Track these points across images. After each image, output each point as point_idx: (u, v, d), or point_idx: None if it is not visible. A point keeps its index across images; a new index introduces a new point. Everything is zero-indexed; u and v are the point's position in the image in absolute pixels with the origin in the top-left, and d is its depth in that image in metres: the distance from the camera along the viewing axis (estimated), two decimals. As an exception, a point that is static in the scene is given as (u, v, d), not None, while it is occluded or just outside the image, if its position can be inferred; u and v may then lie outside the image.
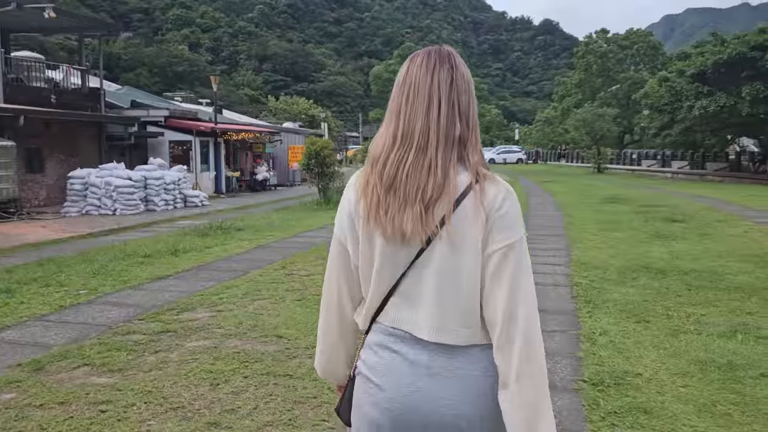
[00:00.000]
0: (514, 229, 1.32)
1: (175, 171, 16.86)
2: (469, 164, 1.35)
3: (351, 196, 1.45)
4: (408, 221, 1.30)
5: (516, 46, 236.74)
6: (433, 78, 1.37)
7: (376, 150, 1.40)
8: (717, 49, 26.65)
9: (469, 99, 1.40)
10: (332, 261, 1.56)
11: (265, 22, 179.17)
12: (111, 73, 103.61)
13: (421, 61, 1.40)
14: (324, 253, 8.67)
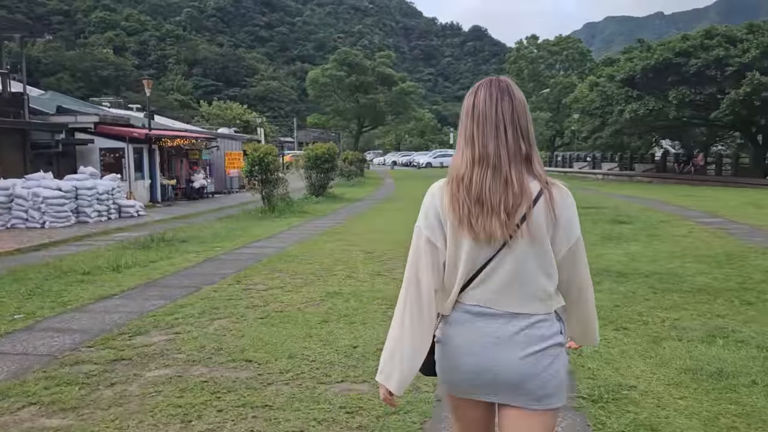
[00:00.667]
0: (577, 224, 1.77)
1: (108, 180, 15.96)
2: (537, 174, 1.72)
3: (438, 203, 1.78)
4: (497, 227, 1.67)
5: (447, 52, 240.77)
6: (497, 108, 1.71)
7: (459, 170, 1.74)
8: (645, 55, 27.71)
9: (527, 120, 1.75)
10: (421, 258, 1.81)
11: (194, 25, 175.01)
12: (30, 78, 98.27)
13: (485, 93, 1.74)
14: (279, 265, 8.32)
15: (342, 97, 40.49)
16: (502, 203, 1.67)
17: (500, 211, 1.66)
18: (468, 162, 1.72)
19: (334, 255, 8.99)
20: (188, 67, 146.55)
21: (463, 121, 1.79)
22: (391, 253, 9.11)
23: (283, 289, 6.76)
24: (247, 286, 6.93)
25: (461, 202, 1.70)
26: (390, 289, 6.57)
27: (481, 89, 1.76)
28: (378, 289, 6.63)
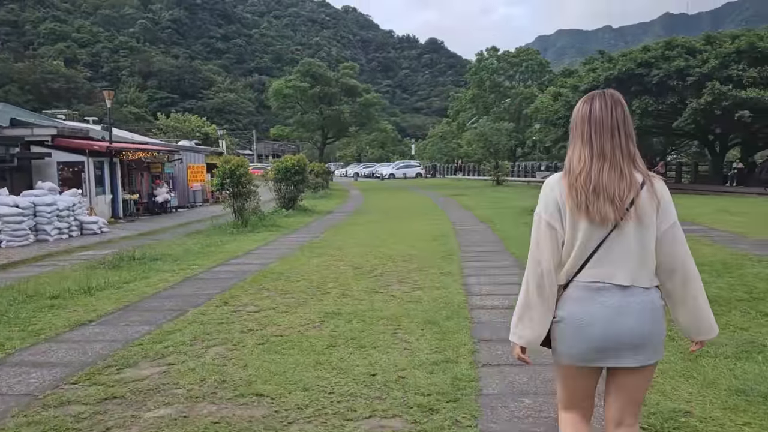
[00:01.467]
0: (673, 209, 2.11)
1: (68, 195, 15.15)
2: (640, 169, 2.10)
3: (556, 193, 2.13)
4: (610, 211, 2.03)
5: (404, 64, 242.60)
6: (612, 115, 2.11)
7: (577, 165, 2.11)
8: (607, 65, 28.13)
9: (632, 126, 2.14)
10: (543, 240, 2.13)
11: (148, 37, 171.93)
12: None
13: (601, 102, 2.12)
14: (265, 284, 7.83)
15: (306, 109, 39.98)
16: (616, 192, 2.03)
17: (614, 198, 2.03)
18: (586, 159, 2.10)
19: (321, 271, 8.56)
20: (143, 80, 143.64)
21: (578, 125, 2.16)
22: (381, 267, 8.73)
23: (277, 310, 6.30)
24: (236, 308, 6.45)
25: (579, 191, 2.06)
26: (391, 308, 6.19)
27: (596, 99, 2.14)
28: (379, 308, 6.24)
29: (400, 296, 6.80)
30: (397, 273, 8.29)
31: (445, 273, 8.17)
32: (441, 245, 11.07)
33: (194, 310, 6.42)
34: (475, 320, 5.70)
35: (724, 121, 25.36)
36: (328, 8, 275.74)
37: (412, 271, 8.43)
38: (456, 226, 14.36)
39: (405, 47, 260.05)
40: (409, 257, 9.66)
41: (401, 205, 22.82)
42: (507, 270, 8.37)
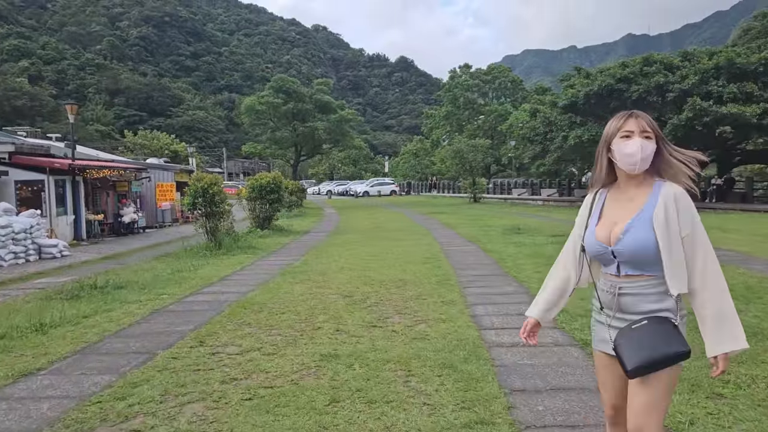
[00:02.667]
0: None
1: (26, 217, 13.99)
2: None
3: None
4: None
5: (374, 82, 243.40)
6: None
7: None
8: (585, 81, 27.90)
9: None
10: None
11: (116, 54, 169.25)
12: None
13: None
14: (246, 317, 6.84)
15: (279, 125, 39.03)
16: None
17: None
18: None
19: (307, 301, 7.67)
20: (110, 97, 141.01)
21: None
22: (374, 296, 7.88)
23: (262, 351, 5.41)
24: (214, 349, 5.53)
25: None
26: (397, 348, 5.35)
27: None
28: (382, 347, 5.39)
29: (402, 331, 5.96)
30: (392, 302, 7.45)
31: (447, 302, 7.35)
32: (434, 268, 10.27)
33: (165, 352, 5.48)
34: (497, 362, 4.89)
35: (703, 137, 25.22)
36: (298, 27, 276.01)
37: (409, 299, 7.60)
38: (444, 247, 13.59)
39: (375, 65, 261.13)
40: (402, 283, 8.84)
41: (381, 224, 22.01)
42: (514, 297, 7.59)
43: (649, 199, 2.24)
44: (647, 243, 2.18)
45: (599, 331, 2.36)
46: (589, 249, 2.34)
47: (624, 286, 2.24)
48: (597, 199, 2.42)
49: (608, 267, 2.30)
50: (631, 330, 2.18)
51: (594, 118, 27.63)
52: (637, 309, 2.22)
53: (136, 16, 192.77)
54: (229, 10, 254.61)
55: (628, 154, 2.24)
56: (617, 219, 2.28)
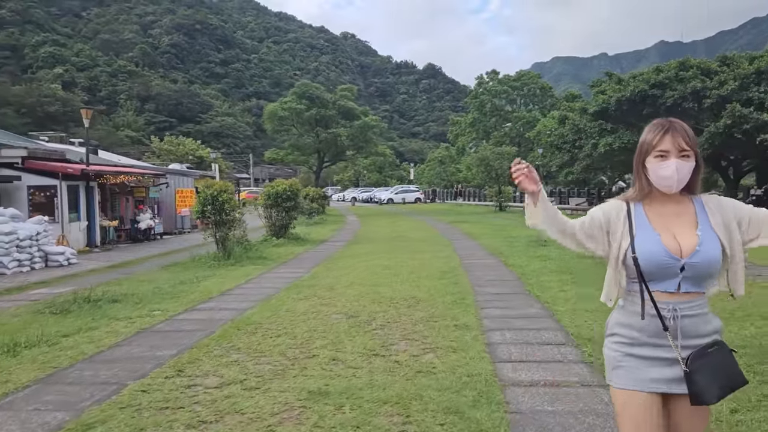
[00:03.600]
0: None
1: (32, 223, 13.63)
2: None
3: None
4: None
5: (402, 89, 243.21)
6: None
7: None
8: (617, 87, 26.89)
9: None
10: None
11: (147, 61, 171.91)
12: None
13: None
14: (237, 340, 6.21)
15: (301, 132, 38.59)
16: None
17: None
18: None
19: (308, 321, 7.01)
20: (140, 103, 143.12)
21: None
22: (381, 316, 7.18)
23: (244, 384, 4.74)
24: (192, 380, 4.89)
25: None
26: (397, 384, 4.64)
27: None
28: (380, 383, 4.68)
29: (406, 362, 5.25)
30: (401, 325, 6.74)
31: (460, 326, 6.62)
32: (450, 284, 9.53)
33: (135, 384, 4.85)
34: (511, 407, 4.15)
35: (742, 146, 24.03)
36: (327, 34, 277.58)
37: (419, 321, 6.89)
38: (464, 260, 12.82)
39: (403, 72, 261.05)
40: (414, 301, 8.12)
41: (401, 233, 21.30)
42: (537, 321, 6.82)
43: (699, 212, 2.14)
44: (718, 255, 2.07)
45: (642, 366, 2.09)
46: (649, 260, 2.06)
47: (683, 307, 2.06)
48: (633, 209, 2.19)
49: (662, 283, 2.07)
50: (706, 355, 2.02)
51: (625, 125, 26.59)
52: (698, 332, 2.07)
53: (168, 24, 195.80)
54: (259, 17, 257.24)
55: (663, 177, 2.10)
56: (676, 232, 2.10)
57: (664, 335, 2.04)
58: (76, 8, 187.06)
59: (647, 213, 2.17)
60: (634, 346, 2.11)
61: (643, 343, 2.09)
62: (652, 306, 2.06)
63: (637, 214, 2.17)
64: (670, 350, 2.04)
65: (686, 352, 2.03)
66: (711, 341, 2.06)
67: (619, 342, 2.15)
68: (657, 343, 2.06)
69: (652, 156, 2.11)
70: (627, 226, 2.14)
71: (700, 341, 2.05)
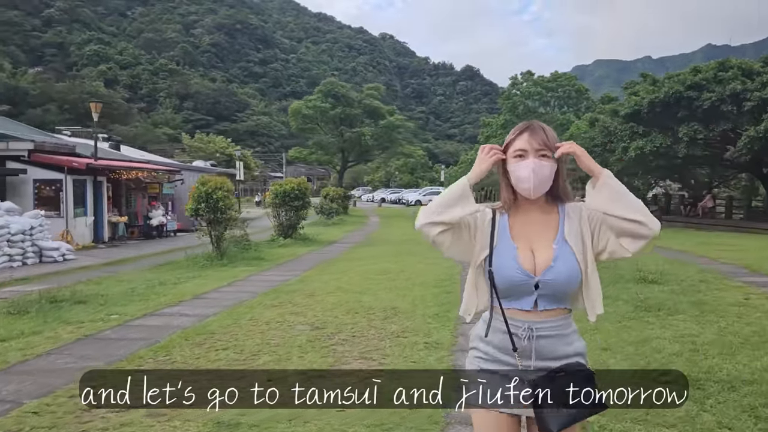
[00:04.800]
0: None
1: (27, 218, 13.34)
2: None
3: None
4: None
5: (438, 91, 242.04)
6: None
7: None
8: (651, 88, 25.60)
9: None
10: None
11: (188, 60, 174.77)
12: (16, 108, 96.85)
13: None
14: (176, 353, 5.54)
15: (326, 130, 38.11)
16: None
17: None
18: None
19: (267, 332, 6.36)
20: (179, 101, 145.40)
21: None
22: (349, 329, 6.48)
23: (149, 411, 4.11)
24: (74, 414, 4.26)
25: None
26: (322, 418, 3.94)
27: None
28: (305, 415, 3.99)
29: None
30: (365, 340, 6.04)
31: (430, 344, 5.87)
32: (442, 293, 8.77)
33: (32, 403, 4.26)
34: (445, 455, 3.42)
35: (784, 152, 22.55)
36: (365, 35, 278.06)
37: (388, 336, 6.17)
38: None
39: (440, 74, 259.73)
40: (392, 312, 7.40)
41: (416, 236, 20.51)
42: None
43: (561, 222, 2.02)
44: (574, 271, 1.94)
45: (496, 384, 1.95)
46: (503, 277, 1.95)
47: (540, 326, 1.94)
48: (499, 218, 2.06)
49: (518, 301, 1.96)
50: (554, 380, 1.87)
51: (659, 129, 25.26)
52: (554, 354, 1.94)
53: (210, 23, 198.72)
54: (299, 18, 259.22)
55: (520, 178, 1.97)
56: (534, 245, 1.99)
57: (521, 354, 1.93)
58: (122, 7, 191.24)
59: (511, 223, 2.03)
60: (490, 362, 1.99)
61: (498, 360, 1.97)
62: (503, 323, 1.94)
63: (501, 223, 2.03)
64: (524, 371, 1.92)
65: (540, 374, 1.90)
66: (563, 365, 1.92)
67: (478, 357, 2.03)
68: (510, 362, 1.94)
69: (511, 156, 2.00)
70: (489, 236, 2.01)
71: (557, 363, 1.92)
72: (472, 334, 2.10)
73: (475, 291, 2.08)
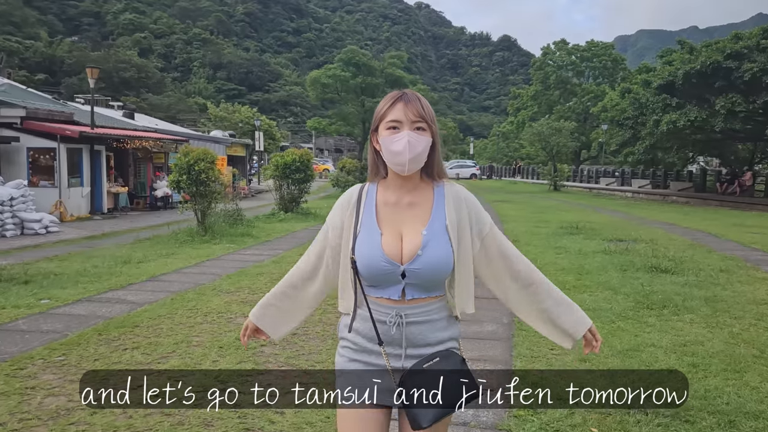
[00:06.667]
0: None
1: (8, 188, 12.79)
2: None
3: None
4: None
5: (474, 61, 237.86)
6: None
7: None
8: (687, 57, 23.88)
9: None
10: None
11: (222, 29, 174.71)
12: (53, 77, 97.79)
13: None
14: (75, 355, 4.80)
15: (346, 100, 37.02)
16: None
17: None
18: None
19: (195, 327, 5.55)
20: (212, 71, 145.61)
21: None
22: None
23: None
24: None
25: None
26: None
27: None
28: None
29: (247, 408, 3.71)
30: (304, 340, 5.18)
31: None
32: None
33: None
34: None
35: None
36: (400, 4, 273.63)
37: (331, 336, 5.31)
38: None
39: (477, 44, 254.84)
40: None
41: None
42: (485, 346, 5.11)
43: (436, 203, 1.83)
44: (447, 259, 1.78)
45: (365, 375, 1.81)
46: (366, 266, 1.77)
47: (410, 312, 1.78)
48: (364, 198, 1.86)
49: (386, 290, 1.78)
50: (423, 372, 1.74)
51: (695, 101, 23.62)
52: (426, 341, 1.81)
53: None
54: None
55: (394, 152, 1.77)
56: (403, 229, 1.80)
57: (389, 343, 1.78)
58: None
59: (378, 204, 1.85)
60: (358, 352, 1.83)
61: (368, 350, 1.81)
62: (368, 312, 1.79)
63: (367, 205, 1.85)
64: (393, 360, 1.78)
65: (411, 362, 1.78)
66: (433, 353, 1.79)
67: (347, 347, 1.87)
68: (378, 352, 1.78)
69: (384, 128, 1.80)
70: (354, 221, 1.83)
71: (429, 350, 1.80)
72: (340, 324, 1.94)
73: (348, 285, 1.86)
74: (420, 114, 1.78)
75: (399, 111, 1.78)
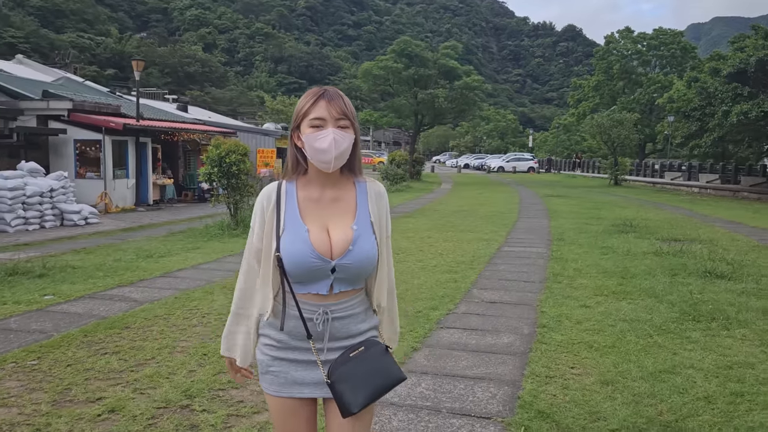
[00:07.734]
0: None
1: (49, 179, 12.94)
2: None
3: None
4: None
5: (537, 52, 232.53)
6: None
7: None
8: (762, 43, 22.18)
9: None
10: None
11: (283, 23, 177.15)
12: (122, 72, 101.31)
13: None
14: (48, 360, 4.43)
15: (398, 92, 36.49)
16: None
17: None
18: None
19: (186, 330, 5.21)
20: (274, 65, 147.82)
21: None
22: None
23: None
24: None
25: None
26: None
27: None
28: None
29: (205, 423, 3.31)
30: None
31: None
32: (449, 282, 7.32)
33: None
34: None
35: None
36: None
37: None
38: (504, 247, 10.40)
39: (540, 35, 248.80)
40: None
41: (475, 206, 18.88)
42: (493, 361, 4.55)
43: (359, 199, 1.87)
44: (374, 253, 1.82)
45: (290, 371, 1.81)
46: (295, 263, 1.74)
47: (335, 308, 1.81)
48: (284, 196, 1.83)
49: (313, 286, 1.78)
50: (349, 360, 1.78)
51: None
52: (348, 333, 1.83)
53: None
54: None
55: (319, 149, 1.75)
56: (329, 224, 1.81)
57: (316, 338, 1.80)
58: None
59: (300, 200, 1.83)
60: (282, 349, 1.82)
61: (293, 347, 1.81)
62: (297, 309, 1.78)
63: (288, 201, 1.83)
64: (319, 352, 1.80)
65: (334, 354, 1.80)
66: (357, 342, 1.83)
67: (268, 345, 1.84)
68: (305, 347, 1.80)
69: (306, 126, 1.79)
70: (275, 219, 1.81)
71: (351, 342, 1.82)
72: (261, 321, 1.87)
73: (269, 285, 1.81)
74: (343, 111, 1.78)
75: (322, 108, 1.77)
